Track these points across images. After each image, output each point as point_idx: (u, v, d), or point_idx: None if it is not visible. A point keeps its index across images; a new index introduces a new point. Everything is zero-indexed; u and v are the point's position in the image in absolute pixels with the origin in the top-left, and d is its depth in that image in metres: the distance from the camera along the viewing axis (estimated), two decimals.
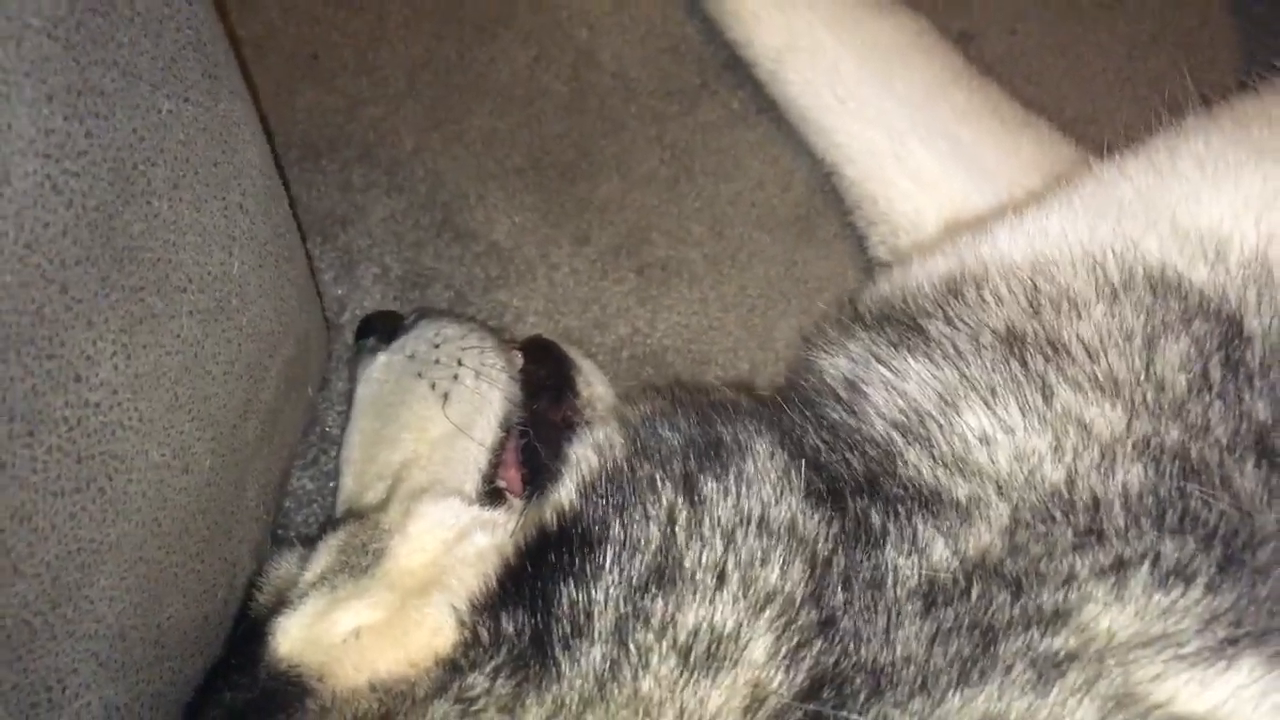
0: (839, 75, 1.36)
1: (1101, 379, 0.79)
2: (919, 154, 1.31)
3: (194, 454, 0.85)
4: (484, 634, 0.78)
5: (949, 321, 0.87)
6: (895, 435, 0.82)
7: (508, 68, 1.51)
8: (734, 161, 1.47)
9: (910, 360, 0.85)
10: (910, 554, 0.76)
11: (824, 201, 1.44)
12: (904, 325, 0.89)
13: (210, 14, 0.87)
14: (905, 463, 0.81)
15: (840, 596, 0.75)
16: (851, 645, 0.72)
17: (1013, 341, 0.83)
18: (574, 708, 0.72)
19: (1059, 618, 0.70)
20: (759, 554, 0.77)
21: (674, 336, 1.38)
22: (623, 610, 0.75)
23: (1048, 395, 0.79)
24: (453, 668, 0.77)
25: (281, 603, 0.93)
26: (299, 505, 1.25)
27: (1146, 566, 0.70)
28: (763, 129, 1.49)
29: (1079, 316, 0.83)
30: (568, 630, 0.75)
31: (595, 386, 1.20)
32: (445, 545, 0.92)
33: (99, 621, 0.76)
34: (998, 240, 0.92)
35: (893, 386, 0.85)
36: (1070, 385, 0.79)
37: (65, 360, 0.68)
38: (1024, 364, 0.81)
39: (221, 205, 0.86)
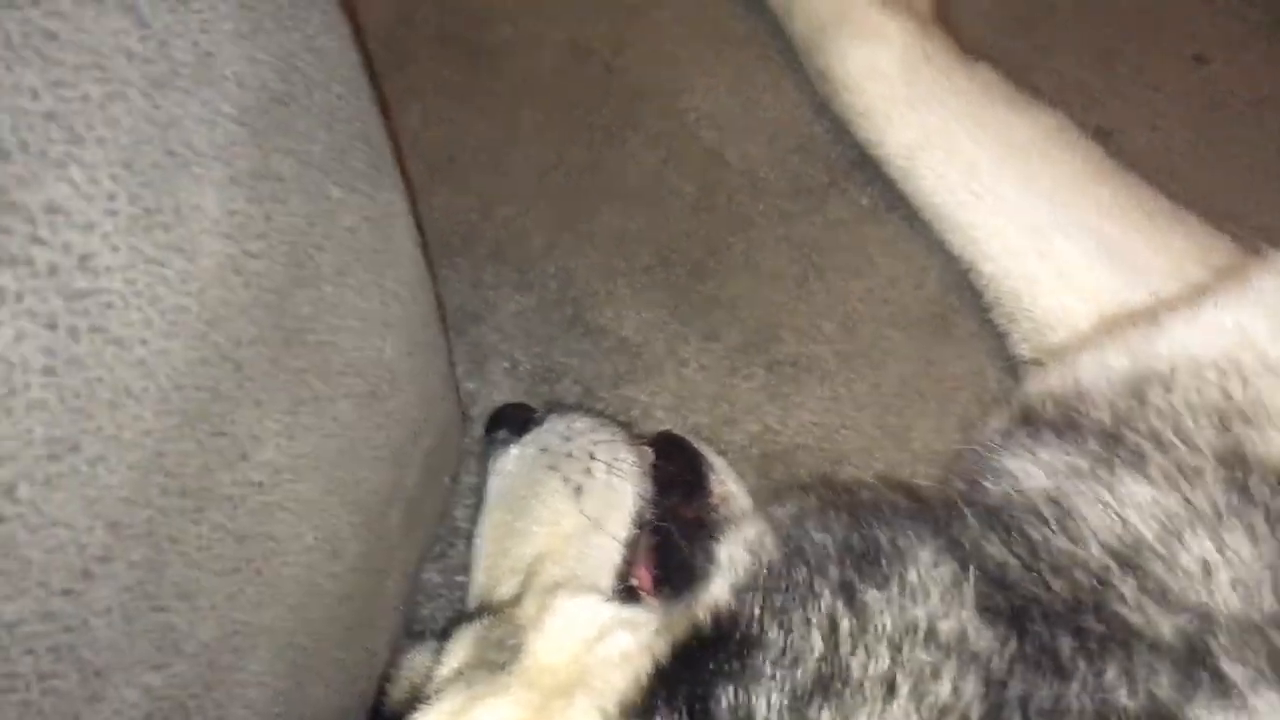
0: (976, 171, 1.33)
1: None
2: (1064, 250, 1.26)
3: (343, 539, 0.84)
4: None
5: (1159, 443, 0.79)
6: (1113, 564, 0.75)
7: (636, 169, 1.53)
8: (865, 258, 1.45)
9: (1128, 481, 0.79)
10: (1096, 694, 0.69)
11: (960, 298, 1.40)
12: (1106, 436, 0.83)
13: (375, 110, 0.89)
14: (1118, 595, 0.74)
15: None
16: None
17: (1234, 463, 0.76)
18: None
19: None
20: (929, 667, 0.72)
21: (805, 435, 1.34)
22: (787, 719, 0.71)
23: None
24: None
25: (416, 698, 0.90)
26: (426, 598, 1.23)
27: None
28: (894, 226, 1.46)
29: None
30: None
31: (727, 484, 1.17)
32: (586, 643, 0.89)
33: (248, 707, 0.74)
34: (1190, 340, 0.86)
35: (1112, 510, 0.78)
36: None
37: (234, 438, 0.68)
38: (1247, 493, 0.74)
39: (379, 291, 0.87)
